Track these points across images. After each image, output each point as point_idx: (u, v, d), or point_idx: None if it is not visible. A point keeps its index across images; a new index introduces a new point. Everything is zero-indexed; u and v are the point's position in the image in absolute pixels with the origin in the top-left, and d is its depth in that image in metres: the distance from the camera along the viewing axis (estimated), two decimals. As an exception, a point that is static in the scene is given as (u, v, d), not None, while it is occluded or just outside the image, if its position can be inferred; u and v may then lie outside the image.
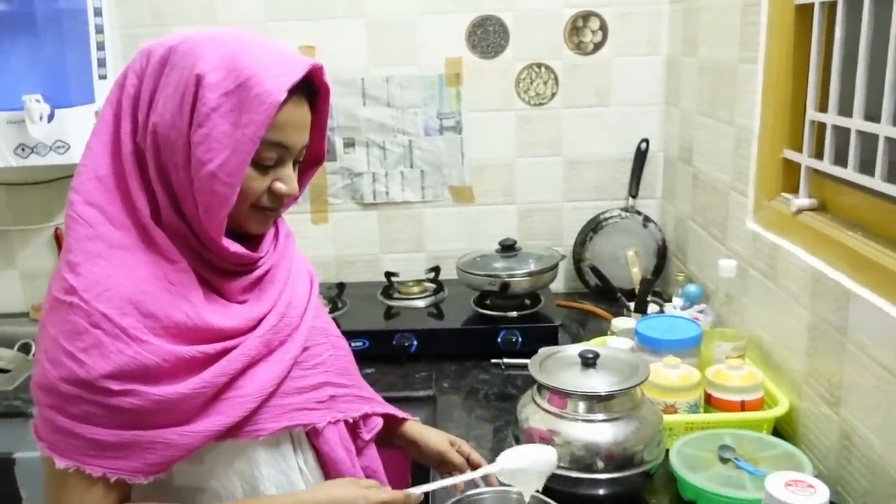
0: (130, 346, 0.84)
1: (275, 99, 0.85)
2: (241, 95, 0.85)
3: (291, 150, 0.92)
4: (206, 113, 0.84)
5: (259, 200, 0.92)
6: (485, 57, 2.09)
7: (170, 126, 0.86)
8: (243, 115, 0.85)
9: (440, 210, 2.19)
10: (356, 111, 2.11)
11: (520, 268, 1.86)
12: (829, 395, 1.22)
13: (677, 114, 2.02)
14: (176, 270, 0.89)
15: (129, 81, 0.90)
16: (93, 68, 1.91)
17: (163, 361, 0.85)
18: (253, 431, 0.92)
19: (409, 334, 1.79)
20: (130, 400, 0.84)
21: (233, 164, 0.85)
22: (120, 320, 0.84)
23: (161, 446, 0.86)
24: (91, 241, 0.87)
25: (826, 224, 1.28)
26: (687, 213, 1.96)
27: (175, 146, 0.86)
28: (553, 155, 2.16)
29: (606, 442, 1.15)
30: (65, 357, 0.83)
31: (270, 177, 0.92)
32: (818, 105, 1.33)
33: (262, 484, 0.96)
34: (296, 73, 0.88)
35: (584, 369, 1.22)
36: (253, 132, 0.85)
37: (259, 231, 0.97)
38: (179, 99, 0.86)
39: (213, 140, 0.84)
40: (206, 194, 0.86)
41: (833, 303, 1.20)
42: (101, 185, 0.89)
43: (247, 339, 0.92)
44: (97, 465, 0.84)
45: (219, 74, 0.85)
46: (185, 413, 0.87)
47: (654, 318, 1.58)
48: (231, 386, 0.90)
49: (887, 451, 1.07)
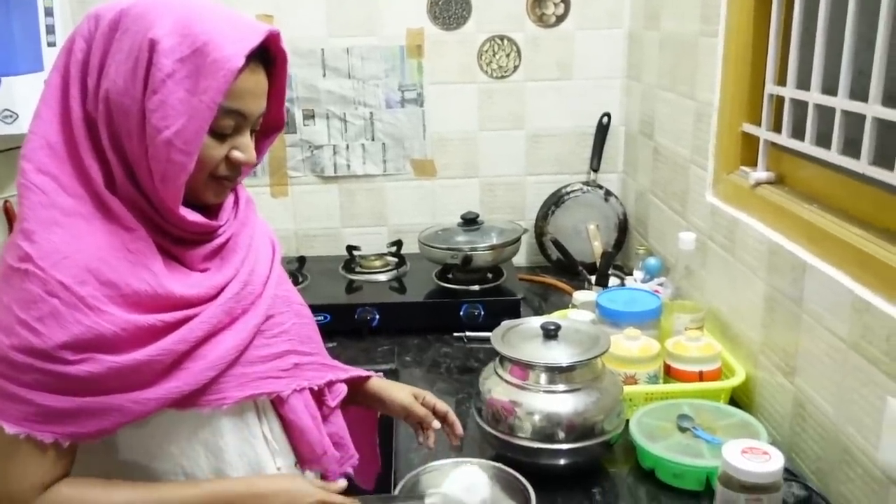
0: (88, 316, 0.82)
1: (233, 65, 0.83)
2: (198, 62, 0.82)
3: (249, 118, 0.90)
4: (160, 79, 0.82)
5: (216, 169, 0.90)
6: (447, 28, 2.07)
7: (122, 92, 0.83)
8: (200, 81, 0.82)
9: (402, 184, 2.17)
10: (316, 83, 2.08)
11: (482, 241, 1.86)
12: (785, 364, 1.25)
13: (639, 88, 2.02)
14: (134, 239, 0.86)
15: (76, 46, 0.87)
16: (41, 35, 1.84)
17: (121, 331, 0.83)
18: (216, 400, 0.91)
19: (371, 308, 1.78)
20: (86, 367, 0.82)
21: (190, 132, 0.83)
22: (78, 289, 0.82)
23: (115, 413, 0.84)
24: (46, 209, 0.84)
25: (783, 197, 1.30)
26: (647, 187, 1.98)
27: (129, 113, 0.84)
28: (515, 128, 2.15)
29: (567, 412, 1.16)
30: (18, 325, 0.81)
31: (227, 145, 0.90)
32: (777, 79, 1.34)
33: (226, 453, 0.95)
34: (253, 38, 0.86)
35: (545, 341, 1.22)
36: (210, 99, 0.83)
37: (216, 201, 0.95)
38: (132, 65, 0.83)
39: (169, 107, 0.82)
40: (162, 163, 0.84)
41: (789, 274, 1.22)
42: (52, 153, 0.86)
43: (208, 307, 0.90)
44: (48, 431, 0.83)
45: (173, 40, 0.82)
46: (141, 380, 0.85)
47: (614, 291, 1.59)
48: (191, 354, 0.89)
49: (839, 419, 1.10)
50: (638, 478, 1.21)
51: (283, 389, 0.99)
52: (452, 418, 1.16)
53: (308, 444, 1.02)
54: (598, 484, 1.19)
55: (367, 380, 1.18)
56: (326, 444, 1.05)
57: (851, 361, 1.06)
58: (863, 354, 1.03)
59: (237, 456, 0.96)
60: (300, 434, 1.01)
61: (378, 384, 1.19)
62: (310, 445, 1.02)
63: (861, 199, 1.13)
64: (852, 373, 1.06)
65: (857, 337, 1.04)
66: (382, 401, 1.18)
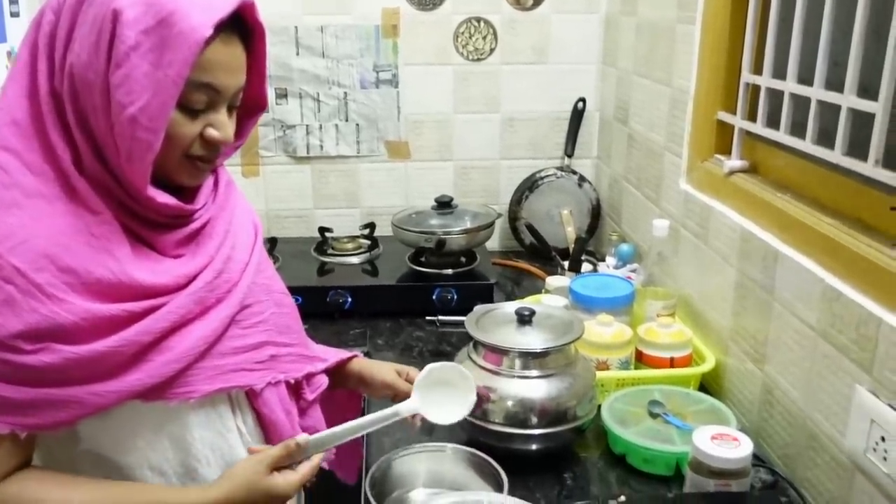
0: (45, 305, 0.78)
1: (199, 36, 0.79)
2: (163, 33, 0.78)
3: (223, 93, 0.85)
4: (124, 52, 0.78)
5: (190, 148, 0.86)
6: (423, 9, 2.04)
7: (86, 66, 0.80)
8: (165, 53, 0.78)
9: (375, 165, 2.15)
10: (289, 61, 2.04)
11: (456, 225, 1.85)
12: (754, 351, 1.26)
13: (614, 73, 2.02)
14: (99, 222, 0.83)
15: (45, 19, 0.83)
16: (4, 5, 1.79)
17: (81, 321, 0.80)
18: (184, 393, 0.88)
19: (344, 291, 1.76)
20: (42, 358, 0.79)
21: (154, 108, 0.79)
22: (34, 276, 0.78)
23: (73, 405, 0.81)
24: (6, 189, 0.80)
25: (756, 185, 1.30)
26: (621, 174, 1.98)
27: (92, 88, 0.80)
28: (490, 112, 2.14)
29: (540, 398, 1.16)
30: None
31: (201, 122, 0.85)
32: (753, 68, 1.35)
33: (194, 447, 0.92)
34: (222, 8, 0.81)
35: (519, 326, 1.22)
36: (176, 73, 0.79)
37: (192, 183, 0.91)
38: (96, 37, 0.79)
39: (133, 81, 0.78)
40: (128, 140, 0.80)
41: (761, 262, 1.23)
42: (17, 131, 0.82)
43: (176, 296, 0.87)
44: (4, 423, 0.80)
45: (137, 10, 0.78)
46: (101, 371, 0.82)
47: (587, 277, 1.59)
48: (157, 346, 0.85)
49: (806, 405, 1.11)
50: (609, 463, 1.21)
51: (256, 382, 0.96)
52: None
53: (280, 438, 0.99)
54: (569, 469, 1.20)
55: (350, 361, 1.16)
56: None
57: (820, 349, 1.07)
58: (832, 342, 1.04)
59: (208, 449, 0.93)
60: (272, 428, 0.99)
61: (360, 364, 1.16)
62: (282, 440, 0.99)
63: (834, 189, 1.14)
64: (821, 360, 1.07)
65: (826, 325, 1.06)
66: (365, 381, 1.14)
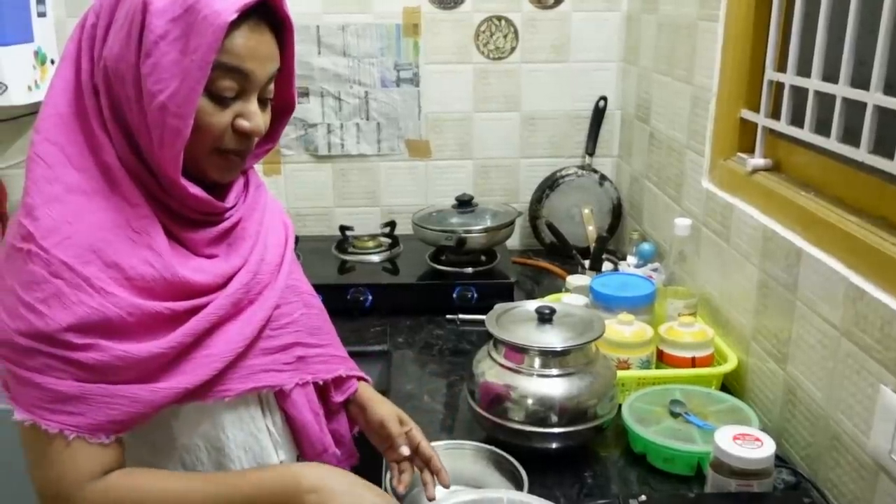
0: (94, 297, 0.80)
1: (223, 20, 0.79)
2: (189, 20, 0.79)
3: (253, 81, 0.85)
4: (153, 41, 0.79)
5: (221, 140, 0.86)
6: (444, 7, 2.05)
7: (118, 58, 0.81)
8: (192, 40, 0.79)
9: (396, 164, 2.16)
10: (311, 60, 2.05)
11: (476, 224, 1.85)
12: (777, 351, 1.25)
13: (635, 71, 2.01)
14: (138, 216, 0.84)
15: (88, 20, 0.86)
16: (31, 5, 1.81)
17: (127, 315, 0.81)
18: (220, 392, 0.89)
19: (364, 289, 1.77)
20: (92, 355, 0.80)
21: (182, 94, 0.80)
22: (82, 269, 0.80)
23: (125, 401, 0.82)
24: (49, 183, 0.82)
25: (779, 184, 1.29)
26: (642, 172, 1.97)
27: (125, 79, 0.82)
28: (510, 110, 2.14)
29: (561, 396, 1.16)
30: (23, 308, 0.79)
31: (231, 112, 0.86)
32: (777, 65, 1.34)
33: (227, 446, 0.93)
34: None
35: (539, 325, 1.22)
36: (201, 57, 0.79)
37: (222, 179, 0.91)
38: (127, 29, 0.81)
39: (162, 69, 0.80)
40: (159, 128, 0.81)
41: (783, 261, 1.22)
42: (61, 123, 0.84)
43: (216, 297, 0.88)
44: (54, 421, 0.81)
45: (165, 0, 0.80)
46: (148, 370, 0.83)
47: (608, 276, 1.59)
48: (197, 345, 0.86)
49: (829, 405, 1.10)
50: (629, 462, 1.21)
51: (284, 383, 0.96)
52: (437, 466, 1.04)
53: (308, 439, 1.00)
54: (589, 468, 1.20)
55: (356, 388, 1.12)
56: (327, 442, 1.03)
57: (844, 349, 1.06)
58: (855, 342, 1.03)
59: (239, 448, 0.94)
60: (301, 429, 1.00)
61: (366, 390, 1.12)
62: (310, 441, 1.01)
63: (858, 187, 1.12)
64: (844, 360, 1.06)
65: (850, 324, 1.05)
66: (364, 409, 1.09)
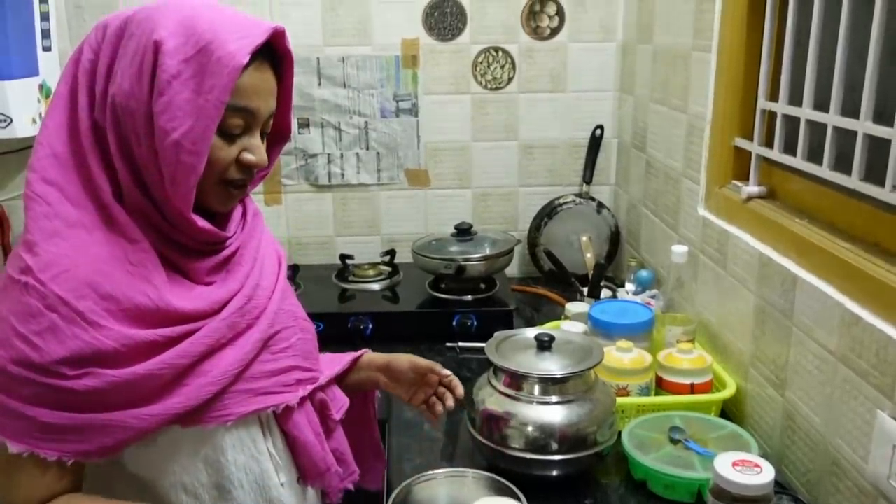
0: (87, 331, 0.81)
1: (237, 62, 0.82)
2: (202, 60, 0.82)
3: (258, 117, 0.89)
4: (166, 80, 0.82)
5: (226, 173, 0.89)
6: (442, 39, 2.08)
7: (129, 95, 0.83)
8: (206, 80, 0.82)
9: (395, 193, 2.18)
10: (311, 91, 2.08)
11: (475, 252, 1.87)
12: (775, 377, 1.26)
13: (631, 100, 2.04)
14: (137, 251, 0.86)
15: (84, 56, 0.87)
16: (36, 39, 1.84)
17: (121, 346, 0.82)
18: (221, 417, 0.90)
19: (364, 317, 1.78)
20: (85, 382, 0.81)
21: (197, 132, 0.83)
22: (77, 304, 0.81)
23: (117, 429, 0.83)
24: (48, 220, 0.84)
25: (774, 211, 1.31)
26: (639, 200, 1.99)
27: (135, 116, 0.84)
28: (508, 139, 2.16)
29: (560, 423, 1.17)
30: (16, 339, 0.80)
31: (237, 147, 0.89)
32: (769, 94, 1.36)
33: (227, 468, 0.94)
34: (257, 35, 0.85)
35: (539, 352, 1.23)
36: (216, 97, 0.82)
37: (224, 209, 0.94)
38: (138, 67, 0.83)
39: (176, 108, 0.82)
40: (172, 165, 0.84)
41: (780, 287, 1.23)
42: (57, 163, 0.86)
43: (211, 321, 0.90)
44: (51, 449, 0.82)
45: (177, 40, 0.82)
46: (142, 395, 0.85)
47: (607, 303, 1.60)
48: (194, 369, 0.88)
49: (828, 430, 1.11)
50: (630, 489, 1.21)
51: (288, 401, 0.98)
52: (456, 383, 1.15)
53: (311, 459, 1.01)
54: (590, 495, 1.20)
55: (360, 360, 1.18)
56: (329, 461, 1.04)
57: (841, 374, 1.07)
58: (852, 367, 1.04)
59: (242, 471, 0.95)
60: (303, 450, 1.01)
61: (374, 356, 1.19)
62: (312, 461, 1.02)
63: (851, 213, 1.14)
64: (842, 385, 1.07)
65: (846, 350, 1.06)
66: (386, 363, 1.17)
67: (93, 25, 0.90)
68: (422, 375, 1.15)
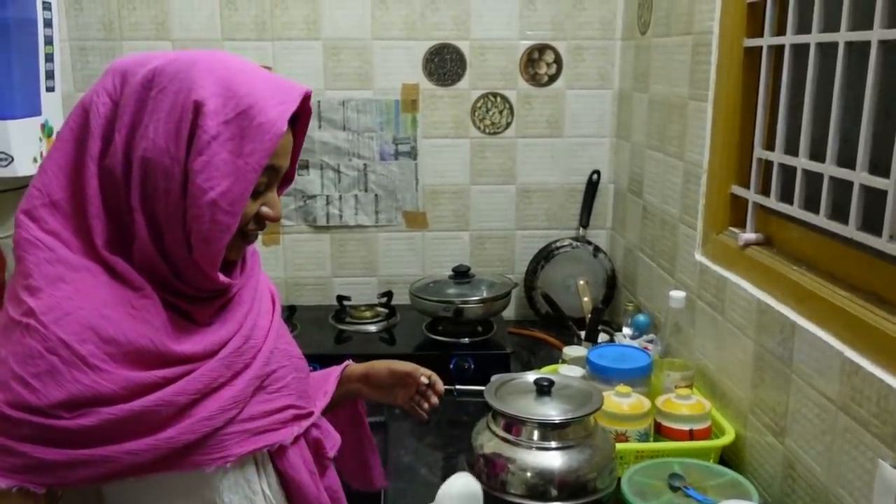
0: (87, 375, 0.81)
1: (278, 129, 0.85)
2: (242, 124, 0.84)
3: (280, 174, 0.93)
4: (206, 141, 0.83)
5: (246, 227, 0.92)
6: (441, 84, 2.11)
7: (163, 153, 0.84)
8: (246, 144, 0.84)
9: (393, 235, 2.19)
10: (311, 133, 2.10)
11: (473, 294, 1.87)
12: (774, 424, 1.26)
13: (628, 147, 2.07)
14: (139, 297, 0.86)
15: (99, 100, 0.86)
16: (40, 80, 1.86)
17: (121, 389, 0.82)
18: (219, 458, 0.90)
19: (361, 359, 1.76)
20: (81, 421, 0.81)
21: (235, 193, 0.84)
22: (78, 347, 0.81)
23: (109, 463, 0.83)
24: (52, 265, 0.84)
25: (772, 258, 1.32)
26: (636, 244, 2.00)
27: (169, 174, 0.84)
28: (506, 183, 2.18)
29: (560, 469, 1.16)
30: (14, 381, 0.80)
31: (260, 201, 0.92)
32: (765, 143, 1.38)
33: None
34: (293, 101, 0.88)
35: (538, 397, 1.23)
36: (256, 161, 0.84)
37: (237, 257, 0.97)
38: (175, 125, 0.83)
39: (214, 168, 0.83)
40: (206, 223, 0.84)
41: (778, 335, 1.23)
42: (55, 211, 0.86)
43: (210, 361, 0.90)
44: (40, 483, 0.81)
45: (218, 101, 0.83)
46: (138, 431, 0.84)
47: (605, 348, 1.60)
48: (190, 408, 0.87)
49: (828, 479, 1.10)
50: (629, 537, 1.20)
51: (284, 439, 0.97)
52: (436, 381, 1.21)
53: (305, 499, 1.00)
54: (589, 543, 1.18)
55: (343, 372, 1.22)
56: (323, 500, 1.03)
57: (841, 423, 1.07)
58: (853, 416, 1.04)
59: None
60: (297, 489, 1.00)
61: (352, 367, 1.23)
62: (307, 501, 1.01)
63: (849, 262, 1.15)
64: (842, 434, 1.07)
65: (846, 398, 1.06)
66: (366, 372, 1.21)
67: (105, 69, 0.90)
68: (401, 380, 1.20)
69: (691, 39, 1.60)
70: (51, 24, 1.91)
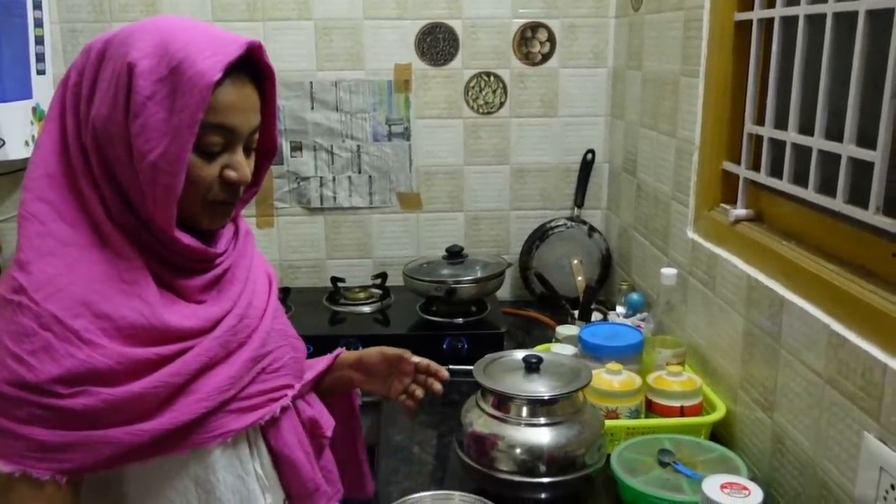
0: (82, 350, 0.81)
1: (208, 79, 0.81)
2: (175, 80, 0.82)
3: (238, 134, 0.88)
4: (141, 102, 0.82)
5: (210, 191, 0.88)
6: (434, 64, 2.10)
7: (107, 119, 0.84)
8: (178, 99, 0.82)
9: (387, 216, 2.19)
10: (304, 115, 2.10)
11: (466, 274, 1.87)
12: (764, 399, 1.26)
13: (621, 125, 2.06)
14: (129, 268, 0.86)
15: (71, 79, 0.88)
16: (31, 63, 1.86)
17: (116, 364, 0.82)
18: (218, 437, 0.90)
19: (355, 340, 1.78)
20: (81, 401, 0.81)
21: (173, 153, 0.82)
22: (71, 322, 0.81)
23: (110, 446, 0.83)
24: (42, 238, 0.84)
25: (762, 234, 1.32)
26: (630, 224, 2.00)
27: (114, 139, 0.84)
28: (500, 163, 2.18)
29: (549, 445, 1.16)
30: (10, 359, 0.80)
31: (219, 164, 0.88)
32: (756, 118, 1.38)
33: (217, 489, 0.93)
34: (231, 51, 0.84)
35: (527, 374, 1.23)
36: (189, 117, 0.82)
37: (213, 227, 0.94)
38: (114, 91, 0.83)
39: (151, 129, 0.82)
40: (151, 185, 0.84)
41: (767, 310, 1.23)
42: (52, 183, 0.86)
43: (204, 339, 0.89)
44: (44, 468, 0.81)
45: (151, 61, 0.82)
46: (136, 412, 0.84)
47: (597, 326, 1.60)
48: (187, 387, 0.87)
49: (816, 453, 1.10)
50: (618, 512, 1.21)
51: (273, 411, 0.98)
52: (435, 368, 1.15)
53: (300, 479, 1.01)
54: (578, 518, 1.19)
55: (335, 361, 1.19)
56: (318, 481, 1.03)
57: (828, 396, 1.07)
58: (839, 389, 1.04)
59: (230, 492, 0.94)
60: (292, 468, 1.00)
61: (344, 354, 1.20)
62: (301, 481, 1.01)
63: (837, 236, 1.15)
64: (829, 408, 1.07)
65: (833, 372, 1.06)
66: (358, 358, 1.17)
67: None
68: (393, 364, 1.15)
69: (683, 15, 1.59)
70: (40, 7, 1.90)
